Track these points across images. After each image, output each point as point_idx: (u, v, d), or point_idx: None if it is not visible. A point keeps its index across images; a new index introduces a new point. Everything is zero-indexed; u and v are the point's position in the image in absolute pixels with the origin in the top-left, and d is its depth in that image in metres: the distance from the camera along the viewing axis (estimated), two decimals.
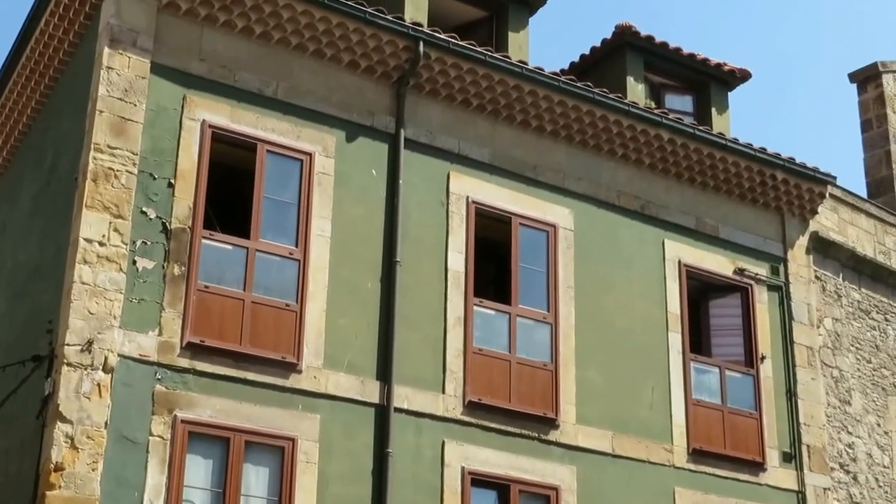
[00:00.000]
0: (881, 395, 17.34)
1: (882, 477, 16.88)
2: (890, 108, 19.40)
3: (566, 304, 14.63)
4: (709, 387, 15.56)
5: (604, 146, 15.42)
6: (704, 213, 16.22)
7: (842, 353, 17.04)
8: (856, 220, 18.08)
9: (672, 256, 15.73)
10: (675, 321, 15.45)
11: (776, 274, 16.56)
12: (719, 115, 17.38)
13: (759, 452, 15.53)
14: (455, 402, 13.49)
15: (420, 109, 14.23)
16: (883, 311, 17.88)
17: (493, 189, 14.53)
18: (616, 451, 14.43)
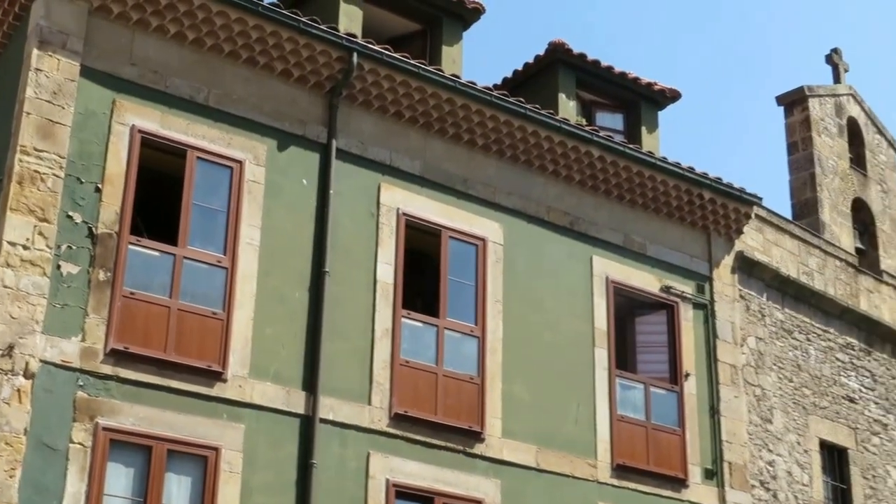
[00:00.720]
0: (802, 413, 17.60)
1: (801, 495, 17.12)
2: (815, 131, 19.74)
3: (494, 317, 14.68)
4: (633, 403, 15.69)
5: (534, 161, 15.52)
6: (632, 230, 16.38)
7: (764, 372, 17.28)
8: (780, 241, 18.36)
9: (600, 273, 15.86)
10: (602, 337, 15.57)
11: (701, 292, 16.77)
12: (649, 134, 17.58)
13: (681, 469, 15.68)
14: (381, 413, 13.47)
15: (352, 120, 14.23)
16: (805, 332, 18.16)
17: (424, 201, 14.55)
18: (540, 465, 14.49)
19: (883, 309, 19.65)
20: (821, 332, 18.39)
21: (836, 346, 18.56)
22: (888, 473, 18.55)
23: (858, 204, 20.31)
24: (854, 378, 18.63)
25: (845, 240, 19.57)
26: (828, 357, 18.33)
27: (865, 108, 21.09)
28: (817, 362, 18.13)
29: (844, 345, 18.71)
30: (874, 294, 19.66)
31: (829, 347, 18.42)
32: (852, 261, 19.49)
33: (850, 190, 20.18)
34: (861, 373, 18.80)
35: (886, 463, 18.58)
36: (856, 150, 20.70)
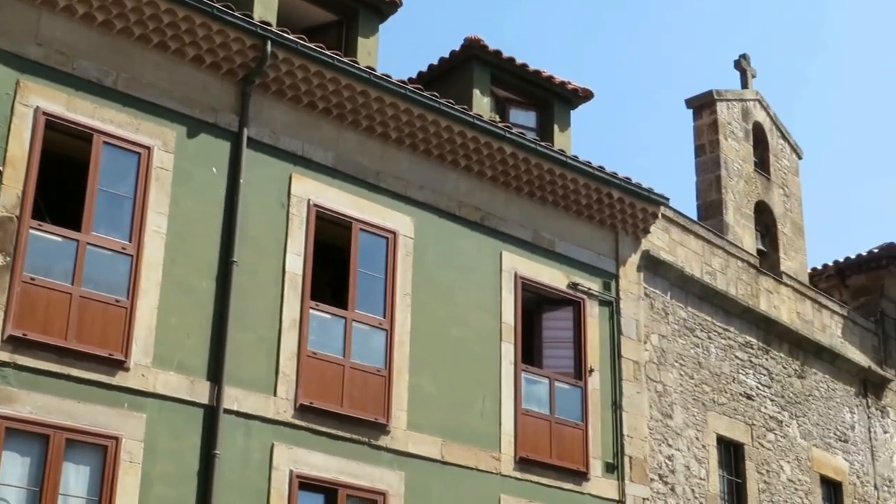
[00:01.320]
0: (701, 410, 17.93)
1: (698, 489, 17.46)
2: (722, 134, 20.09)
3: (403, 311, 14.70)
4: (538, 397, 15.85)
5: (447, 156, 15.56)
6: (542, 227, 16.52)
7: (666, 369, 17.57)
8: (685, 241, 18.67)
9: (509, 268, 15.97)
10: (509, 332, 15.69)
11: (608, 289, 16.98)
12: (561, 133, 17.72)
13: (583, 462, 15.89)
14: (286, 404, 13.41)
15: (265, 109, 14.11)
16: (707, 330, 18.50)
17: (335, 193, 14.50)
18: (445, 457, 14.56)
19: (781, 309, 20.10)
20: (722, 330, 18.75)
21: (736, 345, 18.95)
22: (781, 469, 19.00)
23: (761, 207, 20.73)
24: (752, 376, 19.04)
25: (748, 241, 19.97)
26: (727, 355, 18.70)
27: (771, 113, 21.51)
28: (717, 360, 18.49)
29: (744, 343, 19.11)
30: (774, 295, 20.10)
31: (729, 346, 18.79)
32: (754, 262, 19.90)
33: (754, 193, 20.58)
34: (759, 371, 19.22)
35: (780, 458, 19.03)
36: (760, 154, 21.11)
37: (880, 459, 21.09)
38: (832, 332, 21.07)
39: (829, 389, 20.57)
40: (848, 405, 20.86)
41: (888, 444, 21.41)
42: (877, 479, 20.86)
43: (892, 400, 21.80)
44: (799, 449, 19.48)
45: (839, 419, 20.55)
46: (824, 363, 20.60)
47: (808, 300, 20.86)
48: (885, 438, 21.39)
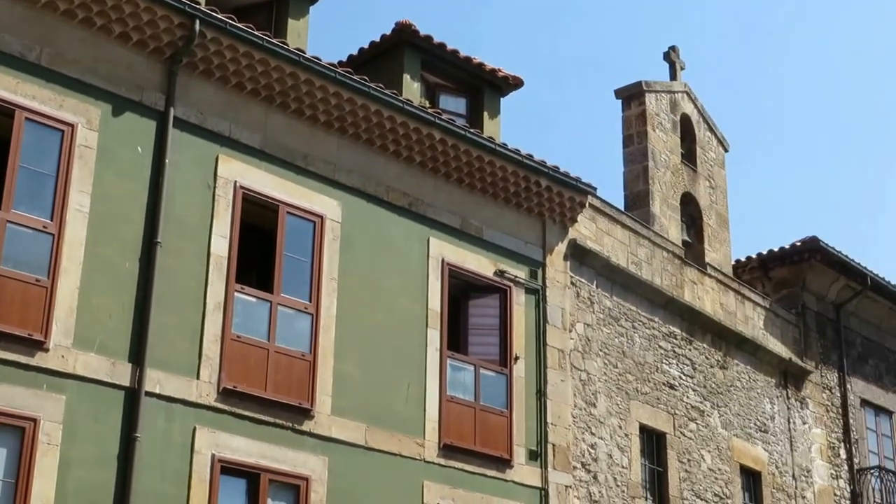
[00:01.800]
0: (624, 398, 18.09)
1: (620, 477, 17.62)
2: (651, 126, 20.24)
3: (329, 295, 14.63)
4: (463, 384, 15.88)
5: (376, 141, 15.50)
6: (470, 214, 16.54)
7: (591, 357, 17.69)
8: (612, 231, 18.80)
9: (436, 254, 15.96)
10: (435, 318, 15.70)
11: (534, 278, 17.06)
12: (491, 120, 17.75)
13: (507, 450, 15.96)
14: (209, 388, 13.29)
15: (192, 89, 13.93)
16: (631, 319, 18.66)
17: (262, 175, 14.38)
18: (369, 443, 14.53)
19: (705, 300, 20.34)
20: (646, 320, 18.93)
21: (660, 335, 19.14)
22: (702, 458, 19.24)
23: (687, 198, 20.94)
24: (675, 366, 19.24)
25: (673, 232, 20.17)
26: (651, 345, 18.89)
27: (699, 105, 21.72)
28: (641, 350, 18.66)
29: (668, 333, 19.30)
30: (698, 286, 20.33)
31: (653, 335, 18.98)
32: (679, 253, 20.10)
33: (681, 184, 20.78)
34: (682, 361, 19.43)
35: (701, 448, 19.27)
36: (687, 146, 21.32)
37: (798, 450, 21.44)
38: (754, 324, 21.37)
39: (751, 380, 20.86)
40: (768, 396, 21.17)
41: (806, 434, 21.77)
42: (795, 469, 21.22)
43: (811, 391, 22.17)
44: (720, 439, 19.74)
45: (760, 410, 20.85)
46: (746, 354, 20.89)
47: (732, 292, 21.13)
48: (804, 429, 21.75)
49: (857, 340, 23.82)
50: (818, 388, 22.36)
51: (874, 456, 23.30)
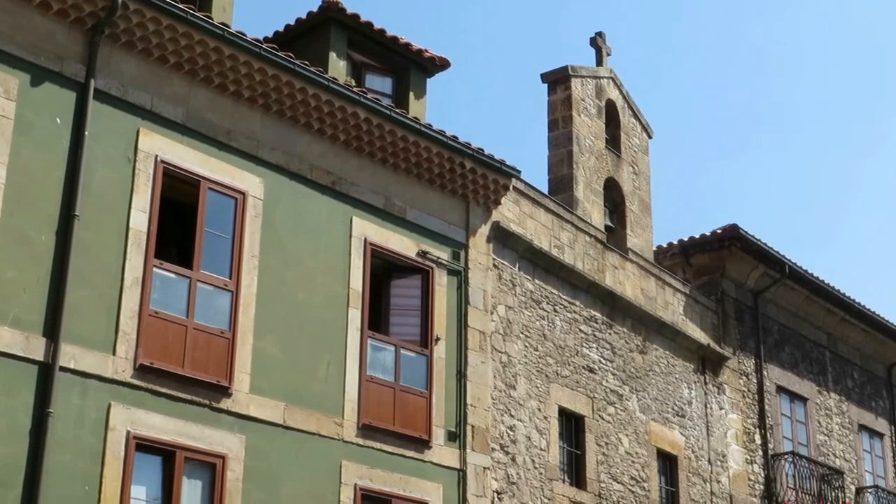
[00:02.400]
0: (544, 381, 18.22)
1: (538, 459, 17.75)
2: (576, 110, 20.35)
3: (249, 272, 14.53)
4: (383, 364, 15.88)
5: (300, 118, 15.40)
6: (394, 194, 16.51)
7: (511, 340, 17.78)
8: (535, 214, 18.89)
9: (359, 234, 15.92)
10: (356, 298, 15.66)
11: (457, 259, 17.09)
12: (416, 100, 17.72)
13: (426, 430, 15.99)
14: (125, 364, 13.13)
15: (113, 61, 13.72)
16: (553, 303, 18.78)
17: (184, 150, 14.22)
18: (287, 422, 14.48)
19: (626, 285, 20.53)
20: (567, 304, 19.06)
21: (581, 319, 19.29)
22: (620, 441, 19.45)
23: (611, 183, 21.10)
24: (595, 350, 19.41)
25: (596, 217, 20.31)
26: (572, 328, 19.03)
27: (624, 91, 21.88)
28: (562, 333, 18.79)
29: (588, 317, 19.46)
30: (619, 270, 20.52)
31: (574, 319, 19.12)
32: (601, 237, 20.26)
33: (604, 169, 20.93)
34: (602, 345, 19.61)
35: (619, 431, 19.48)
36: (612, 132, 21.47)
37: (715, 435, 21.75)
38: (674, 310, 21.62)
39: (669, 365, 21.12)
40: (686, 381, 21.44)
41: (723, 420, 22.10)
42: (711, 454, 21.53)
43: (728, 377, 22.49)
44: (638, 423, 19.96)
45: (677, 395, 21.12)
46: (665, 339, 21.13)
47: (653, 277, 21.36)
48: (721, 414, 22.07)
49: (774, 328, 24.22)
50: (735, 374, 22.70)
51: (788, 442, 23.73)
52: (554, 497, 17.84)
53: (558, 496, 17.93)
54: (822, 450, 24.56)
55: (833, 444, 25.04)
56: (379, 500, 15.28)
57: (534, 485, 17.52)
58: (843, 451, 25.32)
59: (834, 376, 25.74)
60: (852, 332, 26.34)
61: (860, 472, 25.73)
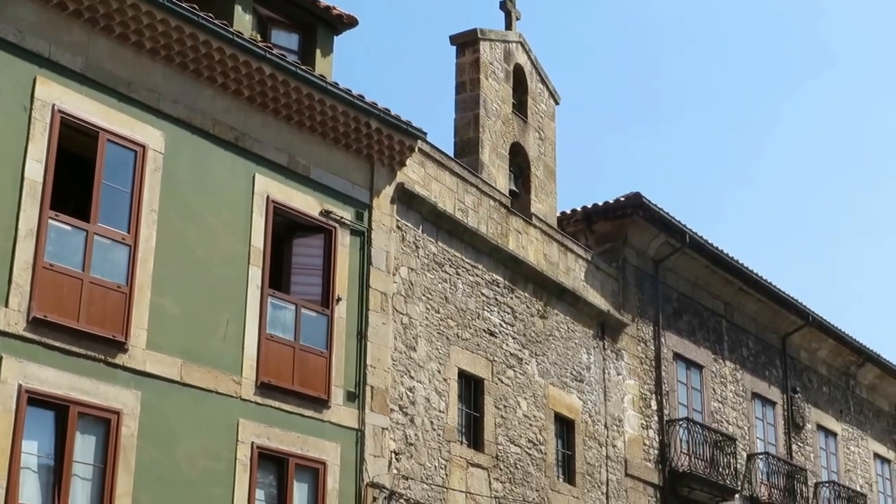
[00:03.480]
0: (445, 343, 18.29)
1: (437, 420, 17.84)
2: (483, 74, 20.33)
3: (148, 227, 14.31)
4: (284, 323, 15.80)
5: (204, 72, 15.16)
6: (298, 152, 16.37)
7: (413, 302, 17.80)
8: (440, 177, 18.89)
9: (261, 191, 15.76)
10: (258, 256, 15.53)
11: (360, 219, 17.03)
12: (323, 58, 17.55)
13: (325, 390, 15.96)
14: (18, 317, 12.86)
15: (10, 6, 13.33)
16: (455, 266, 18.83)
17: (83, 100, 13.91)
18: (184, 379, 14.33)
19: (529, 250, 20.66)
20: (470, 267, 19.13)
21: (483, 282, 19.37)
22: (518, 404, 19.63)
23: (516, 148, 21.15)
24: (496, 313, 19.53)
25: (501, 181, 20.37)
26: (474, 292, 19.11)
27: (532, 56, 21.92)
28: (464, 296, 18.86)
29: (490, 281, 19.56)
30: (523, 235, 20.63)
31: (476, 283, 19.19)
32: (505, 202, 20.34)
33: (510, 134, 20.98)
34: (503, 309, 19.73)
35: (518, 395, 19.65)
36: (519, 97, 21.50)
37: (612, 400, 22.06)
38: (576, 276, 21.83)
39: (569, 330, 21.33)
40: (585, 347, 21.70)
41: (620, 385, 22.42)
42: (607, 419, 21.84)
43: (627, 343, 22.81)
44: (536, 386, 20.16)
45: (576, 360, 21.36)
46: (566, 305, 21.33)
47: (555, 243, 21.52)
48: (618, 380, 22.38)
49: (673, 296, 24.60)
50: (634, 340, 23.03)
51: (683, 408, 24.18)
52: (451, 458, 17.96)
53: (456, 457, 18.05)
54: (715, 416, 25.07)
55: (727, 412, 25.58)
56: (276, 459, 15.23)
57: (432, 446, 17.61)
58: (736, 419, 25.88)
59: (730, 345, 26.26)
60: (749, 303, 26.88)
61: (752, 439, 26.34)
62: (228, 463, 14.60)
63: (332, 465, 15.83)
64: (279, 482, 15.23)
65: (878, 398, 32.63)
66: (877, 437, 32.09)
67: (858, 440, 31.06)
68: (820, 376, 29.92)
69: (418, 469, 17.28)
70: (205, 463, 14.34)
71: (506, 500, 18.81)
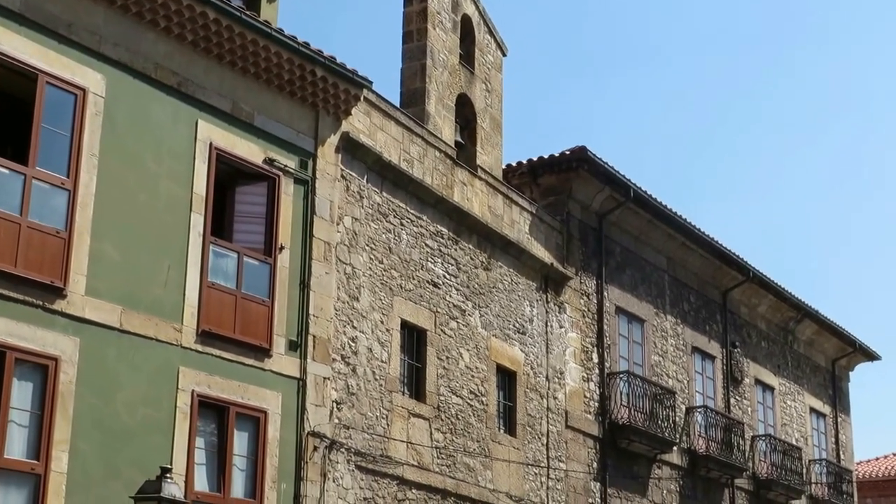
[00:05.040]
0: (388, 294, 18.27)
1: (379, 371, 17.86)
2: (431, 24, 20.16)
3: (88, 172, 14.11)
4: (226, 271, 15.69)
5: (146, 15, 14.90)
6: (242, 99, 16.19)
7: (357, 252, 17.75)
8: (386, 127, 18.78)
9: (204, 138, 15.58)
10: (200, 203, 15.38)
11: (304, 168, 16.91)
12: (268, 4, 17.29)
13: (266, 339, 15.90)
14: None
15: None
16: (400, 216, 18.78)
17: (21, 42, 13.62)
18: (124, 326, 14.20)
19: (474, 202, 20.64)
20: (414, 218, 19.09)
21: (427, 234, 19.35)
22: (461, 356, 19.70)
23: (463, 100, 21.06)
24: (440, 265, 19.53)
25: (447, 133, 20.30)
26: (418, 243, 19.09)
27: (480, 7, 21.77)
28: (408, 247, 18.83)
29: (435, 232, 19.54)
30: (468, 187, 20.61)
31: (420, 234, 19.17)
32: (451, 153, 20.28)
33: (457, 85, 20.89)
34: (447, 260, 19.73)
35: (460, 346, 19.71)
36: (466, 48, 21.38)
37: (554, 352, 22.20)
38: (520, 228, 21.87)
39: (513, 283, 21.40)
40: (529, 299, 21.78)
41: (562, 338, 22.56)
42: (549, 371, 21.98)
43: (569, 296, 22.92)
44: (479, 338, 20.23)
45: (519, 312, 21.45)
46: (510, 257, 21.38)
47: (500, 195, 21.52)
48: (560, 333, 22.52)
49: (616, 250, 24.74)
50: (577, 293, 23.16)
51: (624, 361, 24.40)
52: (393, 408, 18.01)
53: (397, 407, 18.10)
54: (656, 370, 25.34)
55: (667, 365, 25.85)
56: (217, 408, 15.18)
57: (373, 396, 17.64)
58: (676, 372, 26.17)
59: (671, 299, 26.50)
60: (691, 258, 27.12)
61: (691, 393, 26.66)
62: (168, 411, 14.53)
63: (273, 414, 15.81)
64: (220, 431, 15.19)
65: (815, 354, 33.16)
66: (813, 392, 32.64)
67: (795, 395, 31.57)
68: (759, 331, 30.33)
69: (360, 419, 17.31)
70: (144, 411, 14.26)
71: (446, 450, 18.92)
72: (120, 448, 13.93)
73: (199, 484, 14.83)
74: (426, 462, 18.49)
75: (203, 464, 14.97)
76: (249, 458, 15.47)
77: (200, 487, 14.82)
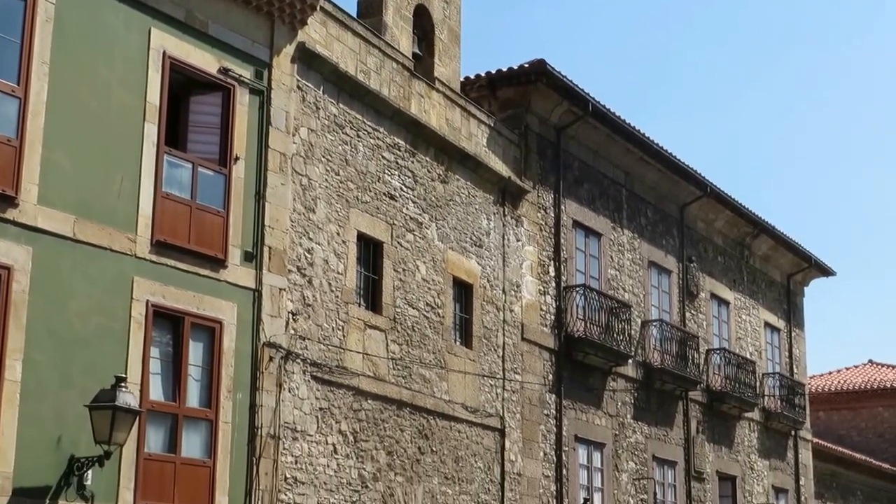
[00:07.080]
0: (344, 206, 18.27)
1: (335, 282, 17.92)
2: None
3: (39, 79, 13.94)
4: (180, 181, 15.62)
5: None
6: (196, 7, 15.96)
7: (313, 163, 17.70)
8: (342, 37, 18.61)
9: (157, 46, 15.39)
10: (154, 112, 15.25)
11: (260, 78, 16.77)
12: None
13: (222, 250, 15.89)
14: None
15: None
16: (356, 128, 18.71)
17: None
18: (77, 235, 14.15)
19: (431, 114, 20.58)
20: (371, 130, 19.02)
21: (384, 146, 19.31)
22: (417, 268, 19.79)
23: (420, 10, 20.84)
24: (397, 177, 19.52)
25: (404, 44, 20.15)
26: (375, 155, 19.05)
27: None
28: (364, 159, 18.79)
29: (392, 144, 19.49)
30: (425, 99, 20.52)
31: (377, 146, 19.12)
32: (408, 65, 20.15)
33: None
34: (404, 173, 19.72)
35: (417, 258, 19.79)
36: None
37: (510, 265, 22.34)
38: (478, 141, 21.85)
39: (470, 196, 21.44)
40: (486, 212, 21.85)
41: (519, 251, 22.68)
42: (505, 284, 22.13)
43: (527, 210, 23.01)
44: (435, 251, 20.31)
45: (476, 225, 21.52)
46: (467, 170, 21.38)
47: (458, 108, 21.45)
48: (517, 246, 22.64)
49: (574, 164, 24.80)
50: (534, 207, 23.24)
51: (581, 275, 24.59)
52: (349, 320, 18.12)
53: (353, 319, 18.21)
54: (612, 284, 25.57)
55: (623, 279, 26.09)
56: (171, 318, 15.21)
57: (329, 307, 17.73)
58: (633, 286, 26.43)
59: (629, 214, 26.66)
60: (649, 172, 27.23)
61: (647, 307, 26.96)
62: (122, 321, 14.55)
63: (229, 325, 15.87)
64: (175, 341, 15.25)
65: (770, 269, 33.56)
66: (768, 307, 33.09)
67: (750, 309, 31.99)
68: (715, 246, 30.61)
69: (316, 330, 17.41)
70: (98, 320, 14.27)
71: (402, 361, 19.09)
72: (74, 357, 13.96)
73: (154, 393, 14.92)
74: (382, 373, 18.66)
75: (158, 374, 15.04)
76: (205, 368, 15.55)
77: (155, 397, 14.91)
